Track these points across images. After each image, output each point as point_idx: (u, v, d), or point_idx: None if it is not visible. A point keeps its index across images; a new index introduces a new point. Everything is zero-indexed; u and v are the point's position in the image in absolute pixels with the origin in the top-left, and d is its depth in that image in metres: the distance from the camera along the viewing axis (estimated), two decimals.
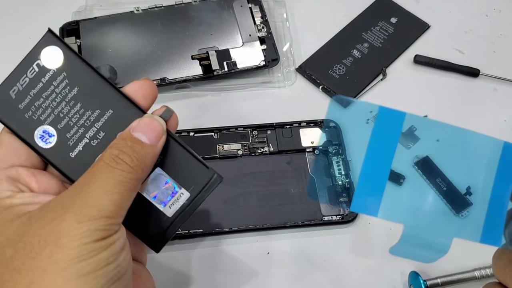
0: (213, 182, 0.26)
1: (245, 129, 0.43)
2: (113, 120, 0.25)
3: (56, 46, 0.25)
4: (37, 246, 0.21)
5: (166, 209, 0.26)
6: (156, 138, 0.24)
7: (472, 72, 0.47)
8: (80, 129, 0.25)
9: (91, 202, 0.22)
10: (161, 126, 0.25)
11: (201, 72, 0.45)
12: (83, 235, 0.21)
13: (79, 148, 0.25)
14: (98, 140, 0.25)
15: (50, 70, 0.25)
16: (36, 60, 0.25)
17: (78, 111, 0.25)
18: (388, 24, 0.50)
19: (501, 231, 0.22)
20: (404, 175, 0.23)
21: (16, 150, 0.25)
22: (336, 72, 0.47)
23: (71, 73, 0.25)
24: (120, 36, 0.47)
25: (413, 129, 0.23)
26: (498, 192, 0.22)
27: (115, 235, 0.22)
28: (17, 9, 0.51)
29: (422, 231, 0.22)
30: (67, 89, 0.25)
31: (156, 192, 0.26)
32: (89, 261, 0.21)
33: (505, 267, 0.23)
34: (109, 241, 0.22)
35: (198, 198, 0.26)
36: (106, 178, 0.22)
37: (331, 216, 0.39)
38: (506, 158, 0.22)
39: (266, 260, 0.38)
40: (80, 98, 0.25)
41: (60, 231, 0.21)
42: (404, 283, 0.37)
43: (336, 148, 0.41)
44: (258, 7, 0.49)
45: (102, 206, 0.22)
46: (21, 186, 0.24)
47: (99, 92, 0.26)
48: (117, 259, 0.22)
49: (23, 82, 0.25)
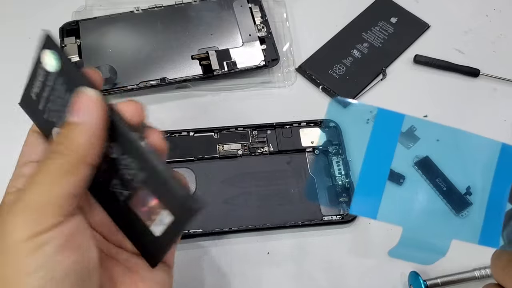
0: (195, 207, 0.24)
1: (245, 129, 0.42)
2: None
3: (52, 50, 0.26)
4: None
5: (153, 228, 0.25)
6: (84, 114, 0.22)
7: (472, 72, 0.47)
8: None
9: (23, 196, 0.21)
10: (90, 99, 0.23)
11: (201, 72, 0.45)
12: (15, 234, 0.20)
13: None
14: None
15: (52, 73, 0.26)
16: (40, 64, 0.26)
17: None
18: (388, 24, 0.50)
19: (499, 233, 0.22)
20: (404, 175, 0.23)
21: (35, 145, 0.26)
22: (336, 72, 0.47)
23: (67, 78, 0.26)
24: (120, 36, 0.47)
25: (413, 129, 0.23)
26: (496, 194, 0.22)
27: (46, 234, 0.20)
28: (17, 9, 0.51)
29: (421, 232, 0.22)
30: (66, 95, 0.25)
31: (145, 211, 0.25)
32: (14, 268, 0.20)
33: (504, 268, 0.23)
34: (39, 242, 0.20)
35: (180, 225, 0.25)
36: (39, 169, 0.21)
37: (331, 216, 0.39)
38: (504, 159, 0.22)
39: (266, 260, 0.38)
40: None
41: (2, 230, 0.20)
42: (404, 283, 0.37)
43: (336, 148, 0.41)
44: (258, 7, 0.49)
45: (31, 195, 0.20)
46: None
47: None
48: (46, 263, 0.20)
49: (39, 84, 0.27)
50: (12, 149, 0.43)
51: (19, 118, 0.44)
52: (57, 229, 0.20)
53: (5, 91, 0.46)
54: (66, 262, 0.20)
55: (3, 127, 0.44)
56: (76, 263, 0.21)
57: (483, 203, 0.22)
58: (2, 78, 0.47)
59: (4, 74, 0.47)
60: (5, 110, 0.45)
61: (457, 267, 0.36)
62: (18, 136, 0.43)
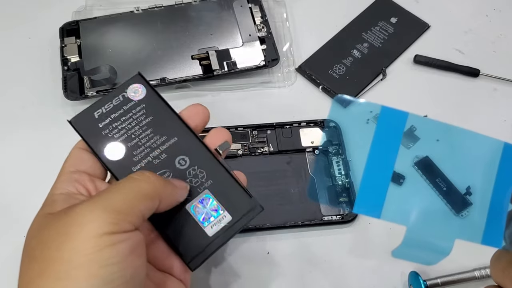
0: (254, 210, 0.29)
1: (245, 129, 0.42)
2: (176, 146, 0.30)
3: (141, 84, 0.31)
4: (52, 237, 0.23)
5: (208, 229, 0.28)
6: (179, 185, 0.28)
7: (472, 72, 0.47)
8: (146, 149, 0.30)
9: (105, 197, 0.24)
10: (185, 184, 0.28)
11: (201, 72, 0.45)
12: (91, 226, 0.22)
13: (142, 165, 0.29)
14: (159, 160, 0.29)
15: (132, 101, 0.31)
16: (122, 92, 0.31)
17: (148, 134, 0.30)
18: (388, 24, 0.50)
19: (502, 233, 0.22)
20: (404, 175, 0.23)
21: (82, 159, 0.29)
22: (336, 72, 0.47)
23: (149, 105, 0.31)
24: (120, 36, 0.47)
25: (413, 129, 0.23)
26: (499, 193, 0.22)
27: (124, 234, 0.23)
28: (17, 9, 0.51)
29: (424, 232, 0.22)
30: (143, 117, 0.30)
31: (201, 211, 0.28)
32: (91, 256, 0.22)
33: (503, 269, 0.23)
34: (116, 239, 0.22)
35: (239, 223, 0.28)
36: (125, 183, 0.25)
37: (331, 216, 0.39)
38: (507, 159, 0.22)
39: (266, 260, 0.38)
40: (152, 125, 0.30)
41: (72, 221, 0.23)
42: (404, 283, 0.37)
43: (336, 148, 0.41)
44: (258, 7, 0.49)
45: (114, 200, 0.23)
46: (80, 188, 0.27)
47: (169, 123, 0.30)
48: (122, 261, 0.22)
49: (107, 107, 0.30)
50: (8, 149, 0.43)
51: (19, 118, 0.44)
52: (130, 234, 0.23)
53: (5, 90, 0.46)
54: (134, 264, 0.23)
55: (3, 127, 0.44)
56: (139, 268, 0.24)
57: (485, 202, 0.22)
58: (2, 78, 0.47)
59: (4, 74, 0.47)
60: (5, 110, 0.45)
61: (457, 267, 0.36)
62: (17, 135, 0.43)
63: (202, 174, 0.29)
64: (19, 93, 0.46)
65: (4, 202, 0.40)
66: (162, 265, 0.28)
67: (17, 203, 0.40)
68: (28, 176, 0.41)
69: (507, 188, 0.22)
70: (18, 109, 0.45)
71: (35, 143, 0.43)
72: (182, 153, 0.30)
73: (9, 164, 0.42)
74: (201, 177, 0.29)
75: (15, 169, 0.42)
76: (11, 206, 0.40)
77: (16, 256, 0.28)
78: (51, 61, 0.47)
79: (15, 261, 0.24)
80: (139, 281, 0.24)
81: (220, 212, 0.28)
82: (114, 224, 0.22)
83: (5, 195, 0.40)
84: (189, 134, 0.30)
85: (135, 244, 0.24)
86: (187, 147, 0.30)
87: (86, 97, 0.43)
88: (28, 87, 0.46)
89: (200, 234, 0.28)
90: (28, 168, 0.42)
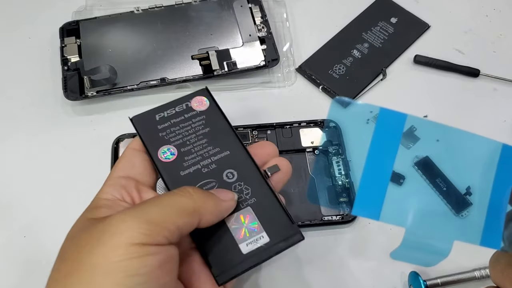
0: (295, 238, 0.28)
1: (245, 129, 0.42)
2: (227, 159, 0.30)
3: (206, 98, 0.33)
4: (85, 241, 0.23)
5: (243, 246, 0.27)
6: (224, 198, 0.27)
7: (472, 72, 0.47)
8: (197, 157, 0.30)
9: (141, 208, 0.24)
10: (233, 195, 0.28)
11: (201, 72, 0.45)
12: (123, 234, 0.22)
13: (190, 171, 0.30)
14: (208, 170, 0.30)
15: (195, 111, 0.32)
16: (186, 102, 0.33)
17: (202, 144, 0.31)
18: (388, 24, 0.50)
19: (501, 234, 0.22)
20: (404, 175, 0.23)
21: (133, 164, 0.29)
22: (336, 72, 0.47)
23: (209, 117, 0.32)
24: (120, 36, 0.47)
25: (413, 129, 0.23)
26: (497, 194, 0.22)
27: (155, 247, 0.23)
28: (17, 9, 0.51)
29: (423, 234, 0.22)
30: (201, 127, 0.32)
31: (240, 228, 0.28)
32: (118, 264, 0.21)
33: (503, 271, 0.23)
34: (146, 250, 0.22)
35: (276, 247, 0.28)
36: (165, 196, 0.25)
37: (331, 216, 0.39)
38: (505, 160, 0.22)
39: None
40: (208, 136, 0.31)
41: (106, 228, 0.23)
42: (404, 283, 0.37)
43: (336, 148, 0.41)
44: (258, 7, 0.49)
45: (149, 211, 0.23)
46: (125, 195, 0.27)
47: (224, 137, 0.31)
48: (148, 273, 0.22)
49: (170, 112, 0.32)
50: (8, 149, 0.43)
51: (19, 118, 0.44)
52: (162, 248, 0.23)
53: (5, 91, 0.46)
54: (162, 279, 0.23)
55: (3, 127, 0.44)
56: (167, 285, 0.23)
57: (484, 203, 0.22)
58: (2, 78, 0.47)
59: (4, 74, 0.47)
60: (5, 110, 0.45)
61: (457, 267, 0.36)
62: (17, 135, 0.43)
63: (248, 191, 0.29)
64: (19, 93, 0.46)
65: (4, 202, 0.40)
66: (192, 286, 0.27)
67: (17, 203, 0.40)
68: (28, 177, 0.41)
69: (506, 189, 0.22)
70: (18, 109, 0.45)
71: (35, 143, 0.43)
72: (232, 167, 0.30)
73: (9, 164, 0.42)
74: (246, 194, 0.29)
75: (15, 169, 0.42)
76: (11, 206, 0.40)
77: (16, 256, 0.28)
78: (51, 61, 0.47)
79: (15, 262, 0.24)
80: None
81: (258, 231, 0.28)
82: (146, 235, 0.22)
83: (5, 195, 0.40)
84: (241, 150, 0.31)
85: (167, 259, 0.23)
86: (237, 162, 0.30)
87: (86, 97, 0.43)
88: (28, 87, 0.46)
89: (234, 250, 0.27)
90: (28, 168, 0.42)
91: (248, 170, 0.30)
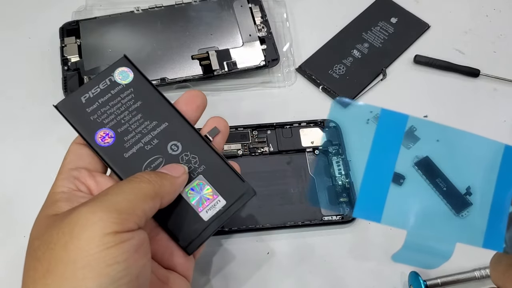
0: (247, 194, 0.29)
1: (245, 129, 0.42)
2: (167, 131, 0.30)
3: (128, 67, 0.31)
4: (56, 237, 0.23)
5: (203, 213, 0.28)
6: (176, 173, 0.28)
7: (472, 72, 0.47)
8: (137, 135, 0.29)
9: (107, 198, 0.24)
10: (183, 168, 0.28)
11: (201, 72, 0.45)
12: (95, 226, 0.22)
13: (133, 151, 0.29)
14: (151, 146, 0.29)
15: (120, 85, 0.30)
16: (109, 76, 0.30)
17: (138, 120, 0.30)
18: (388, 24, 0.50)
19: (503, 236, 0.22)
20: (404, 175, 0.23)
21: (80, 155, 0.29)
22: (336, 72, 0.47)
23: (137, 89, 0.30)
24: (120, 36, 0.47)
25: (413, 129, 0.23)
26: (500, 196, 0.22)
27: (128, 233, 0.23)
28: (17, 9, 0.51)
29: (424, 236, 0.22)
30: (131, 101, 0.30)
31: (196, 197, 0.29)
32: (97, 256, 0.22)
33: (504, 272, 0.23)
34: (120, 238, 0.23)
35: (233, 207, 0.29)
36: (125, 184, 0.25)
37: (331, 216, 0.39)
38: (508, 161, 0.22)
39: (266, 260, 0.38)
40: (142, 110, 0.30)
41: (75, 222, 0.23)
42: (404, 283, 0.37)
43: (336, 148, 0.41)
44: (258, 7, 0.49)
45: (116, 201, 0.24)
46: (80, 185, 0.27)
47: (158, 108, 0.30)
48: (127, 259, 0.23)
49: (94, 91, 0.30)
50: (8, 149, 0.43)
51: (19, 118, 0.44)
52: (134, 233, 0.24)
53: (5, 90, 0.46)
54: (140, 262, 0.24)
55: (3, 127, 0.44)
56: (145, 266, 0.24)
57: (486, 205, 0.22)
58: (2, 78, 0.47)
59: (4, 74, 0.47)
60: (5, 110, 0.45)
61: (457, 267, 0.36)
62: (17, 135, 0.43)
63: (195, 160, 0.29)
64: (19, 93, 0.46)
65: (4, 202, 0.40)
66: (166, 262, 0.28)
67: (17, 204, 0.40)
68: (28, 177, 0.41)
69: (508, 190, 0.22)
70: (18, 109, 0.45)
71: (35, 143, 0.43)
72: (174, 139, 0.30)
73: (9, 164, 0.42)
74: (194, 163, 0.29)
75: (15, 169, 0.42)
76: (11, 206, 0.40)
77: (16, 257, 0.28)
78: (51, 61, 0.47)
79: (15, 263, 0.24)
80: (145, 279, 0.24)
81: (215, 197, 0.29)
82: (117, 224, 0.23)
83: (5, 195, 0.40)
84: (179, 119, 0.30)
85: (140, 242, 0.24)
86: (178, 132, 0.30)
87: None
88: (28, 87, 0.46)
89: (195, 219, 0.28)
90: (28, 168, 0.42)
91: (190, 138, 0.30)
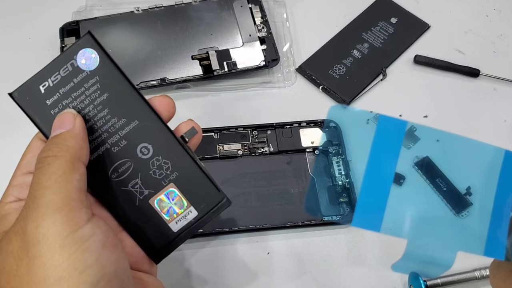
0: (222, 205, 0.27)
1: (245, 129, 0.42)
2: (137, 131, 0.26)
3: (93, 49, 0.26)
4: (15, 263, 0.20)
5: (172, 224, 0.26)
6: (68, 124, 0.24)
7: (472, 72, 0.47)
8: (103, 134, 0.26)
9: (39, 203, 0.21)
10: (70, 113, 0.25)
11: (201, 72, 0.45)
12: (48, 236, 0.20)
13: (99, 153, 0.26)
14: (119, 148, 0.26)
15: (84, 71, 0.26)
16: (71, 60, 0.25)
17: (105, 116, 0.26)
18: (388, 24, 0.50)
19: (504, 244, 0.22)
20: (404, 175, 0.23)
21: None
22: (336, 72, 0.47)
23: (103, 78, 0.26)
24: (120, 36, 0.47)
25: (413, 130, 0.23)
26: (500, 202, 0.22)
27: (86, 228, 0.21)
28: (17, 9, 0.51)
29: (424, 245, 0.22)
30: (97, 93, 0.26)
31: (166, 207, 0.26)
32: (65, 266, 0.20)
33: (505, 279, 0.22)
34: (81, 237, 0.21)
35: (205, 218, 0.27)
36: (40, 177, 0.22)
37: (331, 217, 0.39)
38: (508, 166, 0.22)
39: (266, 260, 0.38)
40: (109, 105, 0.26)
41: (27, 241, 0.20)
42: (404, 283, 0.37)
43: (336, 148, 0.41)
44: (258, 7, 0.49)
45: (49, 200, 0.21)
46: None
47: (128, 102, 0.26)
48: (98, 259, 0.21)
49: (54, 78, 0.25)
50: (8, 149, 0.43)
51: (19, 118, 0.44)
52: (92, 224, 0.21)
53: (5, 90, 0.46)
54: (112, 258, 0.22)
55: (3, 127, 0.44)
56: (120, 261, 0.22)
57: (487, 212, 0.22)
58: (3, 78, 0.47)
59: (4, 74, 0.47)
60: (5, 110, 0.45)
61: (457, 267, 0.36)
62: (17, 136, 0.43)
63: (167, 166, 0.26)
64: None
65: None
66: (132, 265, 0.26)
67: None
68: None
69: (508, 195, 0.22)
70: (18, 109, 0.45)
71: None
72: (145, 140, 0.26)
73: (9, 164, 0.42)
74: (166, 169, 0.26)
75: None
76: None
77: None
78: None
79: None
80: (125, 275, 0.23)
81: (186, 207, 0.27)
82: (68, 221, 0.21)
83: None
84: (151, 116, 0.26)
85: (104, 235, 0.22)
86: (150, 133, 0.26)
87: None
88: None
89: (164, 229, 0.26)
90: None
91: (163, 141, 0.26)
